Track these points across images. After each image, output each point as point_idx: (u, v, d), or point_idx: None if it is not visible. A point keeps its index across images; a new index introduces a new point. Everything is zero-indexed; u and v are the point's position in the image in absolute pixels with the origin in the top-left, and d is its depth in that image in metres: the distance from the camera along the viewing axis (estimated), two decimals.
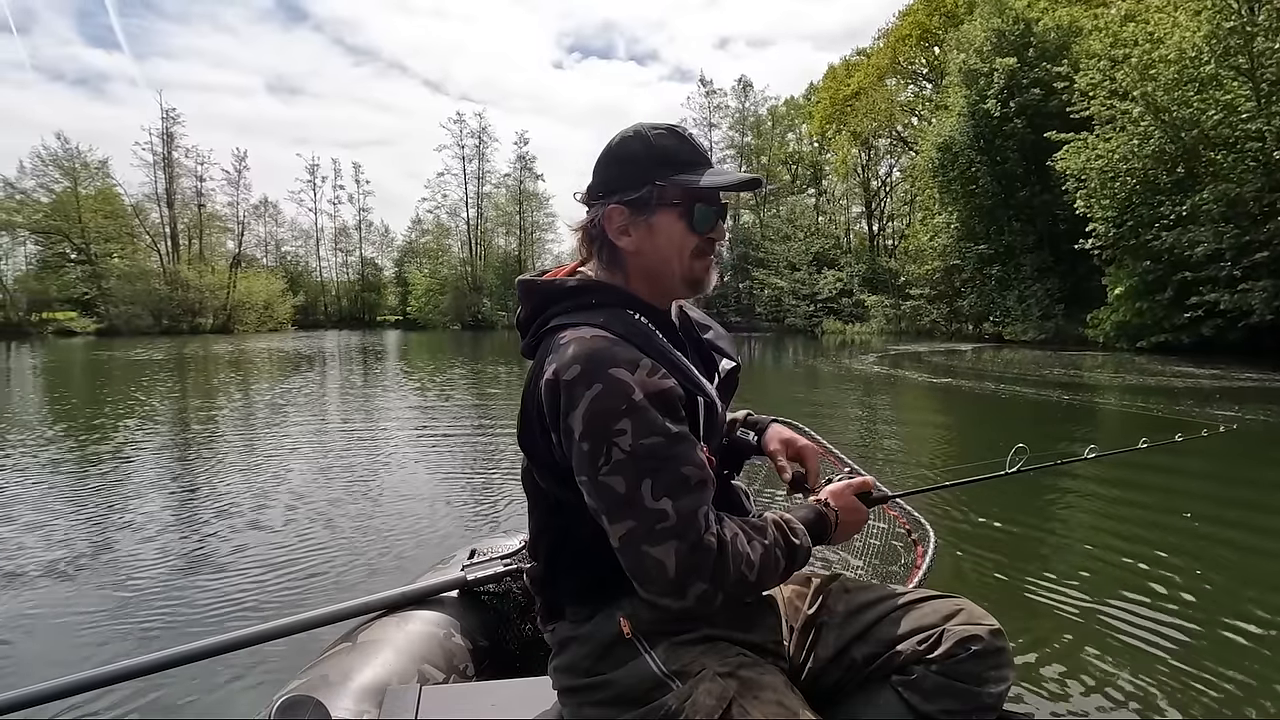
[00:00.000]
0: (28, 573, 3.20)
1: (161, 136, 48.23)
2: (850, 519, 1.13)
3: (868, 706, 1.05)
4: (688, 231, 1.04)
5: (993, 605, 2.50)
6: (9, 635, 2.61)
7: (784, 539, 1.00)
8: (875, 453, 5.75)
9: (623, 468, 0.89)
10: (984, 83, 24.62)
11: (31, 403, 10.13)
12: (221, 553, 3.45)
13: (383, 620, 1.54)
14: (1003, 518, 3.91)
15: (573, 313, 1.02)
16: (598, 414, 0.90)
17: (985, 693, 0.99)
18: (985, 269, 26.87)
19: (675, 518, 0.89)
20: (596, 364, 0.91)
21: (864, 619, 1.09)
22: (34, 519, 4.04)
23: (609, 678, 0.99)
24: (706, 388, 1.03)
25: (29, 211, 44.67)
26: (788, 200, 48.27)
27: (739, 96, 51.45)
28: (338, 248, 61.40)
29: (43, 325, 43.04)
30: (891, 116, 39.54)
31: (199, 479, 5.10)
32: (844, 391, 11.37)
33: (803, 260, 40.71)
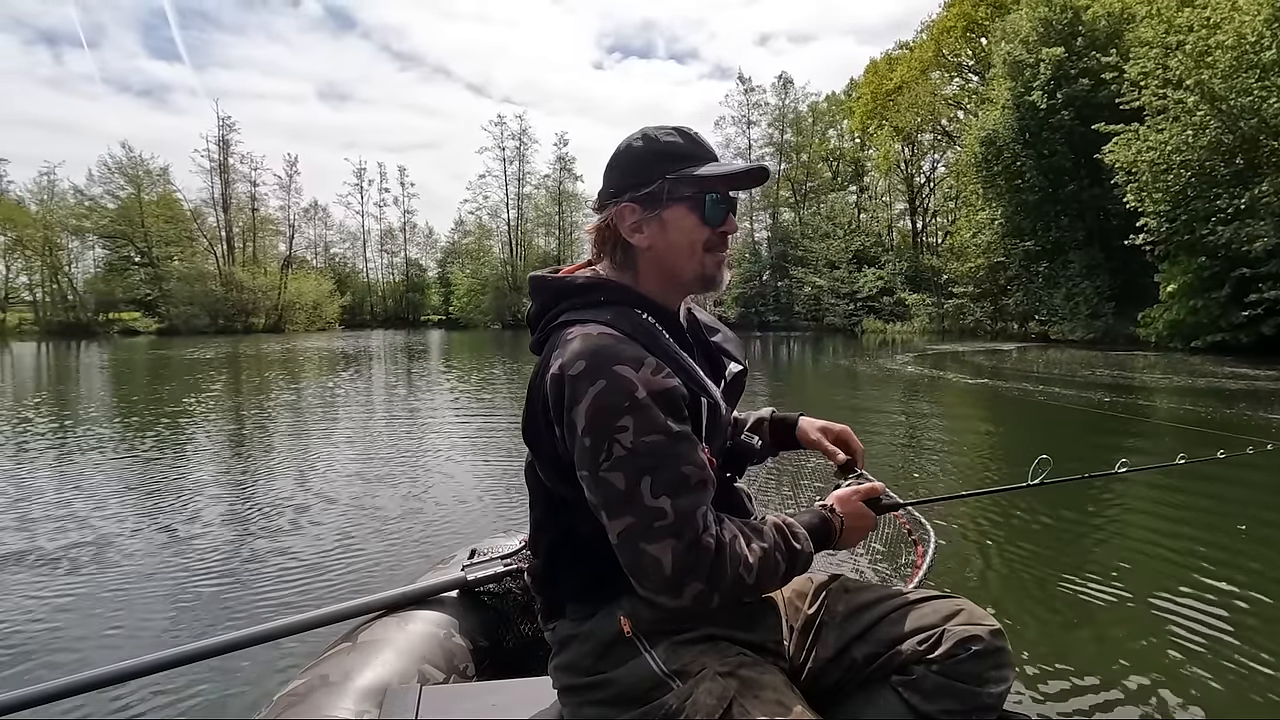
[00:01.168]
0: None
1: (218, 143, 50.34)
2: (856, 525, 1.12)
3: (868, 706, 1.05)
4: (700, 224, 1.05)
5: (994, 606, 2.57)
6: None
7: (785, 543, 1.00)
8: (896, 456, 5.70)
9: (623, 464, 0.90)
10: (1029, 74, 23.86)
11: (95, 398, 10.72)
12: (220, 552, 3.45)
13: (383, 620, 1.54)
14: (1008, 520, 3.87)
15: (581, 309, 1.02)
16: (601, 410, 0.90)
17: (985, 693, 0.99)
18: (1032, 266, 26.08)
19: (673, 516, 0.89)
20: (601, 360, 0.92)
21: (864, 619, 1.09)
22: (26, 511, 4.22)
23: (609, 677, 0.99)
24: (710, 389, 1.03)
25: (96, 217, 47.37)
26: (828, 198, 47.57)
27: (779, 93, 50.89)
28: (383, 249, 63.09)
29: (109, 325, 45.41)
30: (935, 111, 38.64)
31: (207, 477, 5.13)
32: (879, 392, 11.20)
33: (842, 258, 40.10)
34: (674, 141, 1.06)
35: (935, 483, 4.79)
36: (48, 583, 3.11)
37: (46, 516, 4.10)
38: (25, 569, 3.27)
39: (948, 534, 3.55)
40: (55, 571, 3.24)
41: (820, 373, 15.21)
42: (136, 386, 12.77)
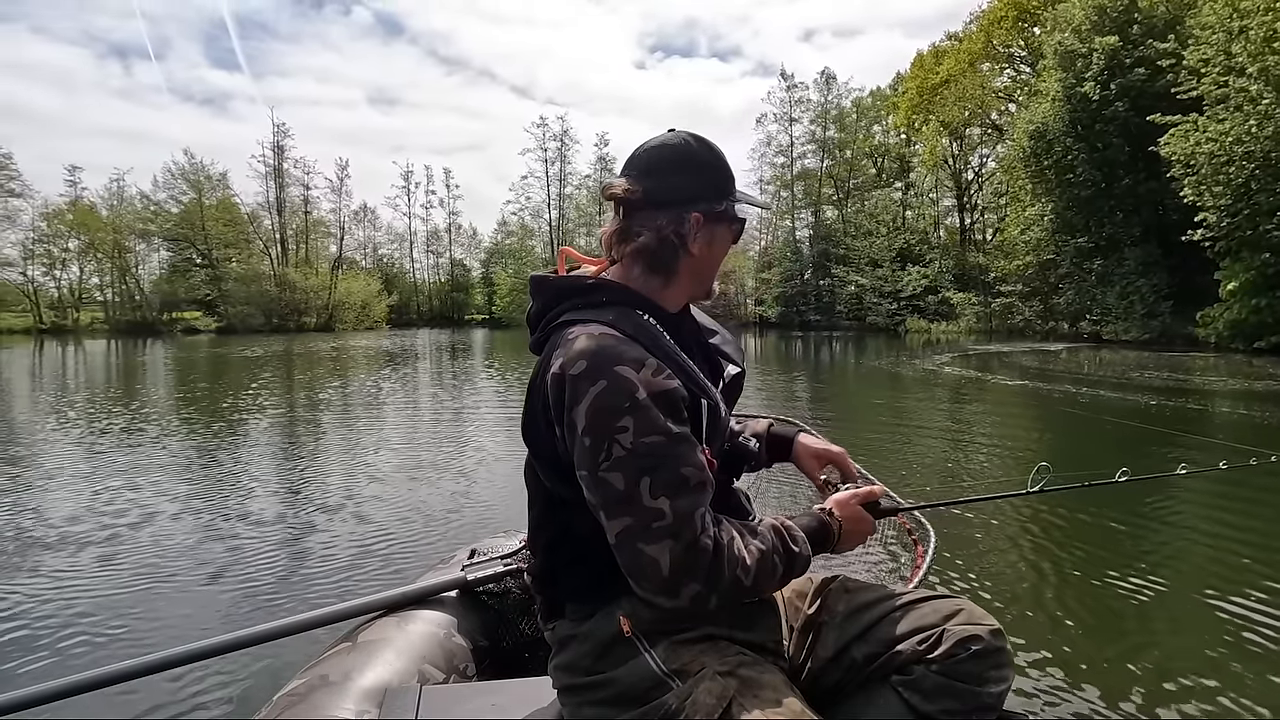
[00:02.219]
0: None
1: (273, 149, 52.34)
2: (855, 529, 1.12)
3: (868, 706, 1.05)
4: (730, 244, 1.11)
5: (994, 606, 2.60)
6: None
7: (782, 545, 1.00)
8: (910, 455, 5.62)
9: (622, 464, 0.90)
10: (1081, 64, 23.00)
11: (151, 393, 11.32)
12: (219, 552, 3.45)
13: (383, 620, 1.54)
14: (1010, 520, 3.83)
15: (583, 309, 1.02)
16: (601, 410, 0.90)
17: (985, 693, 0.99)
18: (1084, 263, 25.12)
19: (671, 517, 0.89)
20: (603, 360, 0.92)
21: (864, 619, 1.09)
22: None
23: (609, 676, 0.99)
24: (710, 390, 1.04)
25: (161, 221, 49.86)
26: (872, 195, 46.67)
27: (821, 90, 50.12)
28: (429, 250, 64.56)
29: (172, 324, 47.63)
30: (984, 104, 37.54)
31: (219, 476, 5.15)
32: (915, 394, 10.99)
33: (885, 256, 39.29)
34: (726, 159, 1.11)
35: (943, 484, 4.72)
36: (42, 581, 3.15)
37: (46, 508, 4.30)
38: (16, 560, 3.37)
39: (949, 534, 3.54)
40: (54, 566, 3.30)
41: (860, 373, 14.93)
42: (187, 384, 13.40)
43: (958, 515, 3.82)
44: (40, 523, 3.98)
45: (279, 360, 18.49)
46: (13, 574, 3.23)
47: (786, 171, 51.50)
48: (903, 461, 5.38)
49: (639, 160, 1.08)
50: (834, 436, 4.97)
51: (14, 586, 3.07)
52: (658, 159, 1.07)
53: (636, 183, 1.05)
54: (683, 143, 1.07)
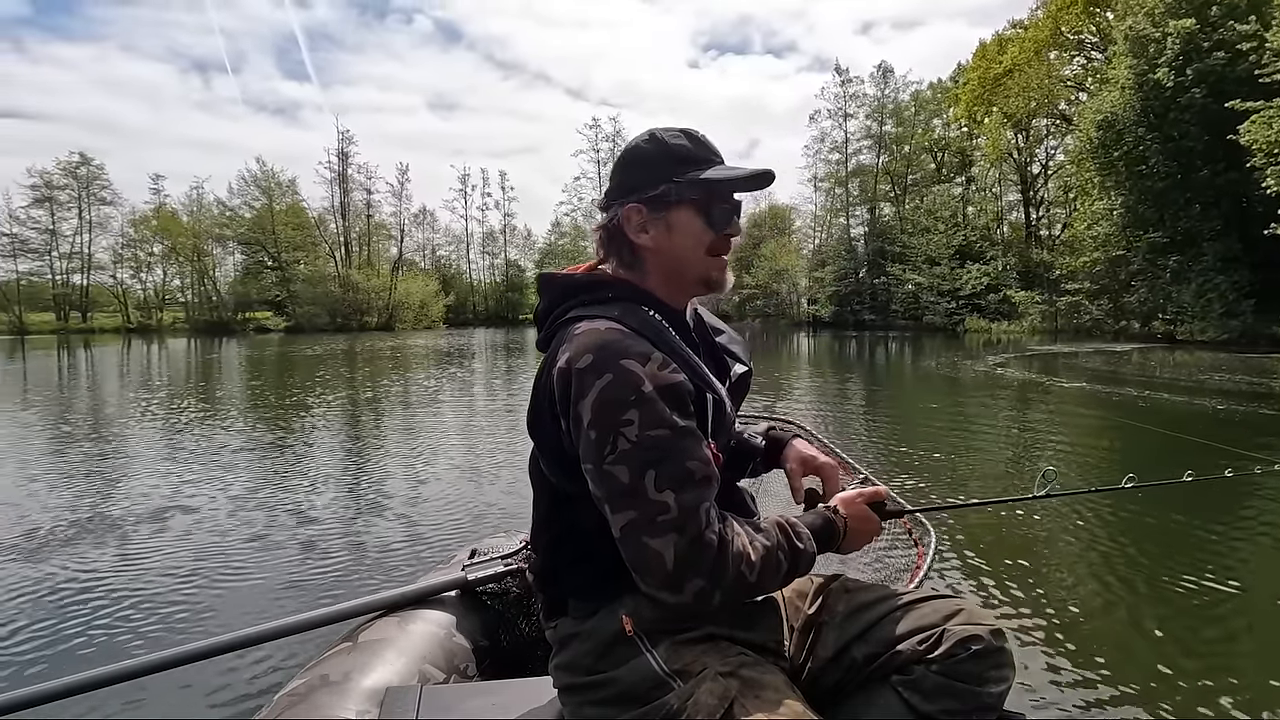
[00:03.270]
0: None
1: (338, 155, 54.53)
2: (861, 528, 1.11)
3: (868, 706, 1.05)
4: (705, 228, 1.05)
5: (994, 606, 2.68)
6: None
7: (788, 542, 0.99)
8: (932, 460, 5.50)
9: (627, 458, 0.89)
10: (1154, 49, 21.79)
11: (209, 391, 12.03)
12: (218, 550, 3.45)
13: (383, 620, 1.54)
14: (1012, 521, 3.78)
15: (589, 306, 1.03)
16: (607, 403, 0.90)
17: (985, 693, 0.99)
18: (1157, 259, 23.77)
19: (676, 510, 0.89)
20: (609, 354, 0.92)
21: (864, 619, 1.08)
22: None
23: (610, 676, 0.99)
24: (716, 386, 1.03)
25: (236, 225, 52.74)
26: (931, 190, 45.30)
27: (878, 84, 48.96)
28: (485, 251, 66.04)
29: (245, 323, 50.28)
30: (1052, 93, 35.93)
31: (224, 471, 5.18)
32: (965, 396, 10.62)
33: (944, 254, 38.08)
34: (681, 144, 1.06)
35: (956, 487, 4.61)
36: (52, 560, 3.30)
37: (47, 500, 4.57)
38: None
39: (950, 534, 3.51)
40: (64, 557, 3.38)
41: (913, 375, 14.44)
42: (242, 382, 14.14)
43: (960, 516, 3.79)
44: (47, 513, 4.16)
45: (335, 359, 19.24)
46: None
47: (841, 168, 50.53)
48: (921, 463, 5.27)
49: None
50: (866, 435, 4.96)
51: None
52: (616, 164, 1.11)
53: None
54: (635, 143, 1.09)
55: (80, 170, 50.13)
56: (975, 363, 15.78)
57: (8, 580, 3.12)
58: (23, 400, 10.32)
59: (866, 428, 7.01)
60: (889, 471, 5.00)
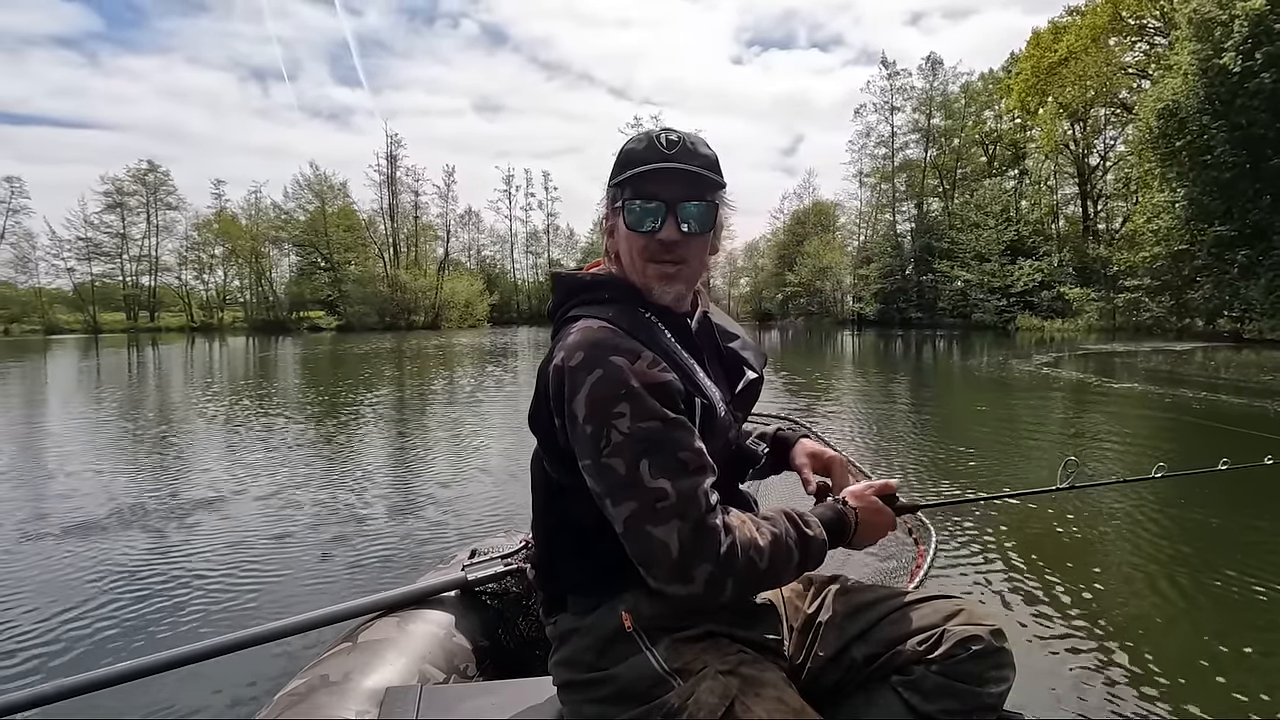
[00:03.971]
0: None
1: (387, 158, 56.05)
2: (873, 520, 1.08)
3: (868, 706, 1.04)
4: (630, 232, 1.02)
5: (995, 606, 2.69)
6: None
7: (796, 530, 0.98)
8: (956, 458, 5.40)
9: (621, 450, 0.90)
10: (1221, 33, 20.71)
11: (272, 386, 12.55)
12: (222, 551, 3.43)
13: (383, 620, 1.54)
14: (1012, 520, 3.72)
15: (588, 305, 1.04)
16: (598, 398, 0.92)
17: (985, 693, 0.99)
18: (1224, 254, 22.61)
19: (675, 496, 0.89)
20: (598, 351, 0.94)
21: (864, 619, 1.08)
22: None
23: (610, 673, 0.98)
24: (707, 390, 1.02)
25: (290, 228, 54.83)
26: (983, 184, 44.01)
27: (926, 76, 47.84)
28: (528, 250, 67.06)
29: (299, 322, 52.21)
30: (1112, 81, 34.47)
31: (236, 469, 5.17)
32: (1010, 396, 10.35)
33: (994, 250, 36.97)
34: (633, 146, 1.03)
35: (983, 487, 4.51)
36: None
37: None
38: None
39: (951, 533, 3.48)
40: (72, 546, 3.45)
41: (964, 374, 13.92)
42: (283, 379, 14.65)
43: (961, 514, 3.76)
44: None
45: (381, 357, 19.75)
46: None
47: (887, 163, 49.53)
48: (953, 463, 5.18)
49: None
50: (905, 436, 4.96)
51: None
52: None
53: None
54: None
55: (148, 177, 52.90)
56: (1024, 362, 15.27)
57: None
58: (95, 395, 10.98)
59: (907, 428, 6.87)
60: (920, 471, 4.94)
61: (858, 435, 6.35)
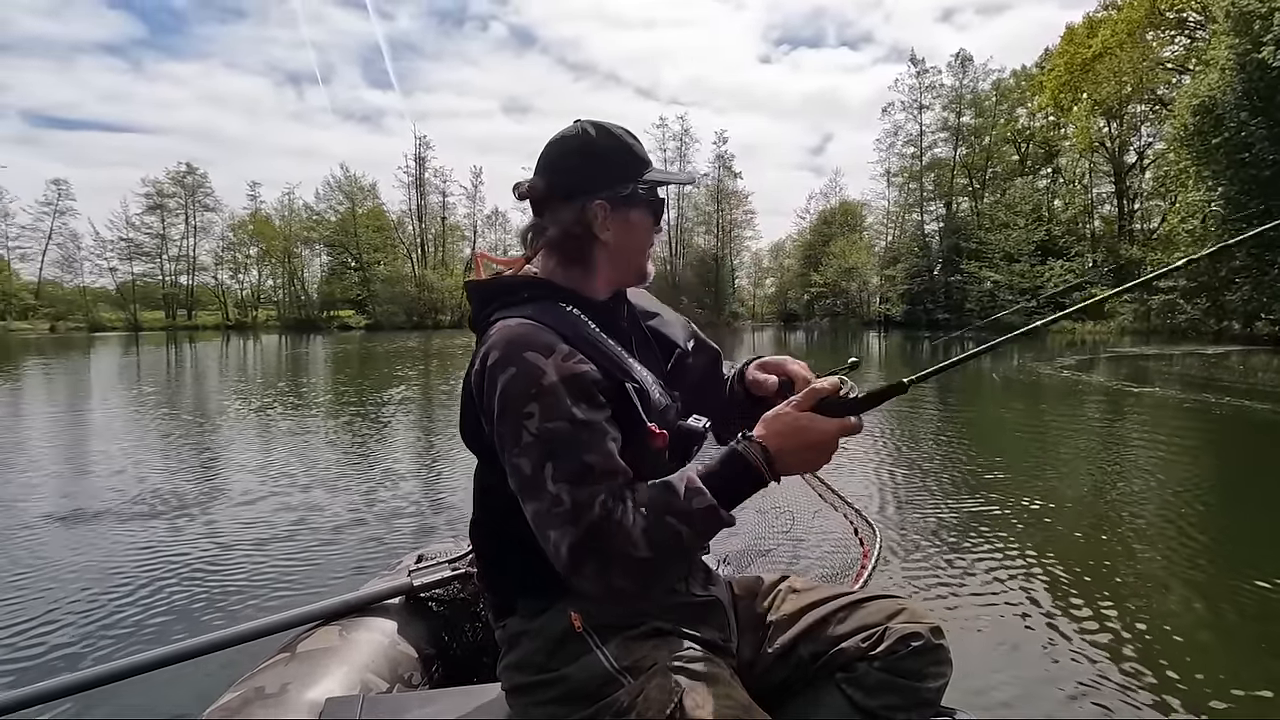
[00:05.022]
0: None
1: (416, 160, 56.97)
2: (799, 441, 0.93)
3: (814, 703, 1.07)
4: (652, 226, 1.11)
5: (936, 604, 2.81)
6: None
7: (671, 503, 0.90)
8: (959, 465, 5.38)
9: (530, 450, 0.91)
10: (1260, 26, 20.06)
11: (291, 383, 12.86)
12: (147, 560, 3.26)
13: (324, 629, 1.48)
14: (955, 520, 3.83)
15: (507, 307, 1.04)
16: (512, 396, 0.92)
17: (925, 688, 1.03)
18: (1264, 254, 21.88)
19: (569, 503, 0.88)
20: (514, 349, 0.94)
21: (810, 618, 1.11)
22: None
23: (561, 674, 0.99)
24: (636, 373, 1.02)
25: (321, 229, 55.98)
26: (1015, 183, 43.20)
27: (956, 73, 47.14)
28: None
29: (330, 321, 53.27)
30: (1149, 77, 33.59)
31: (177, 470, 5.06)
32: (1028, 403, 10.21)
33: (1024, 250, 36.28)
34: (636, 144, 1.09)
35: (988, 494, 4.51)
36: None
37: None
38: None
39: (895, 534, 3.57)
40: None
41: (992, 378, 13.22)
42: (310, 375, 14.97)
43: (905, 515, 3.92)
44: None
45: (404, 355, 20.13)
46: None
47: (915, 162, 48.90)
48: (960, 470, 5.17)
49: (543, 156, 1.09)
50: (924, 444, 4.86)
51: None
52: (559, 152, 1.08)
53: (541, 177, 1.08)
54: (582, 132, 1.08)
55: (187, 179, 54.47)
56: (1044, 365, 15.00)
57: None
58: (137, 388, 11.42)
59: (930, 432, 6.86)
60: (940, 480, 4.94)
61: (880, 439, 6.22)
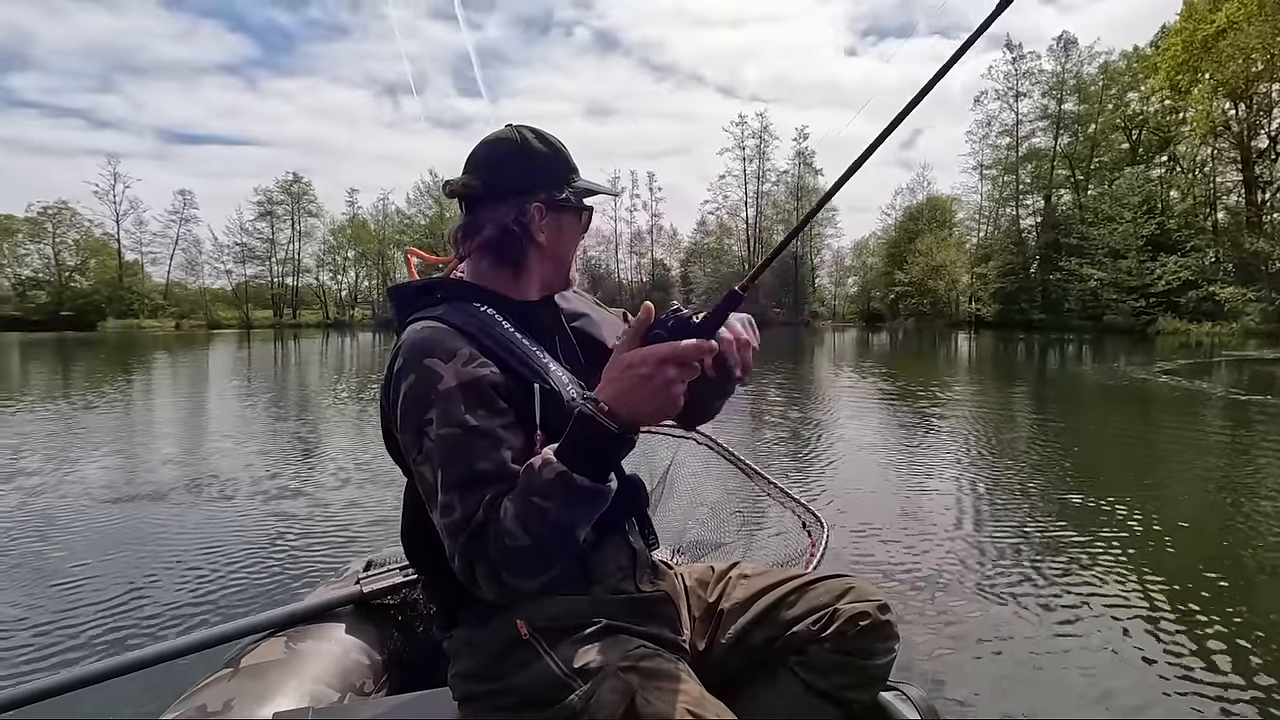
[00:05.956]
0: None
1: None
2: (628, 384, 0.83)
3: (768, 689, 1.09)
4: (579, 232, 1.13)
5: (885, 581, 2.92)
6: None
7: (533, 480, 0.86)
8: None
9: (429, 458, 0.90)
10: None
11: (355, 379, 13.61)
12: (74, 567, 3.06)
13: (270, 641, 1.42)
14: (903, 501, 3.93)
15: (422, 310, 1.03)
16: (412, 404, 0.92)
17: (873, 664, 1.05)
18: None
19: (459, 511, 0.88)
20: (414, 355, 0.93)
21: (762, 604, 1.12)
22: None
23: (510, 682, 0.97)
24: (547, 374, 0.99)
25: (412, 232, 58.73)
26: (1123, 173, 40.04)
27: (1057, 58, 44.17)
28: (632, 251, 68.07)
29: None
30: None
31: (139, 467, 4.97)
32: (1141, 412, 9.48)
33: (1131, 245, 33.57)
34: (567, 151, 1.12)
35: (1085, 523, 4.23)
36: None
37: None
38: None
39: (843, 513, 3.63)
40: None
41: (1100, 385, 11.67)
42: None
43: (852, 496, 4.02)
44: None
45: None
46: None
47: (1010, 153, 46.21)
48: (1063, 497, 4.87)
49: (476, 156, 1.09)
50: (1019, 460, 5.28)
51: None
52: (494, 153, 1.08)
53: (475, 178, 1.07)
54: (518, 137, 1.08)
55: (293, 187, 58.86)
56: (1138, 370, 13.82)
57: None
58: (247, 380, 12.41)
59: (1034, 450, 6.17)
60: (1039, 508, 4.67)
61: (976, 457, 5.33)
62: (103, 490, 4.43)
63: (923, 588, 2.76)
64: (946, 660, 2.17)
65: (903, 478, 4.59)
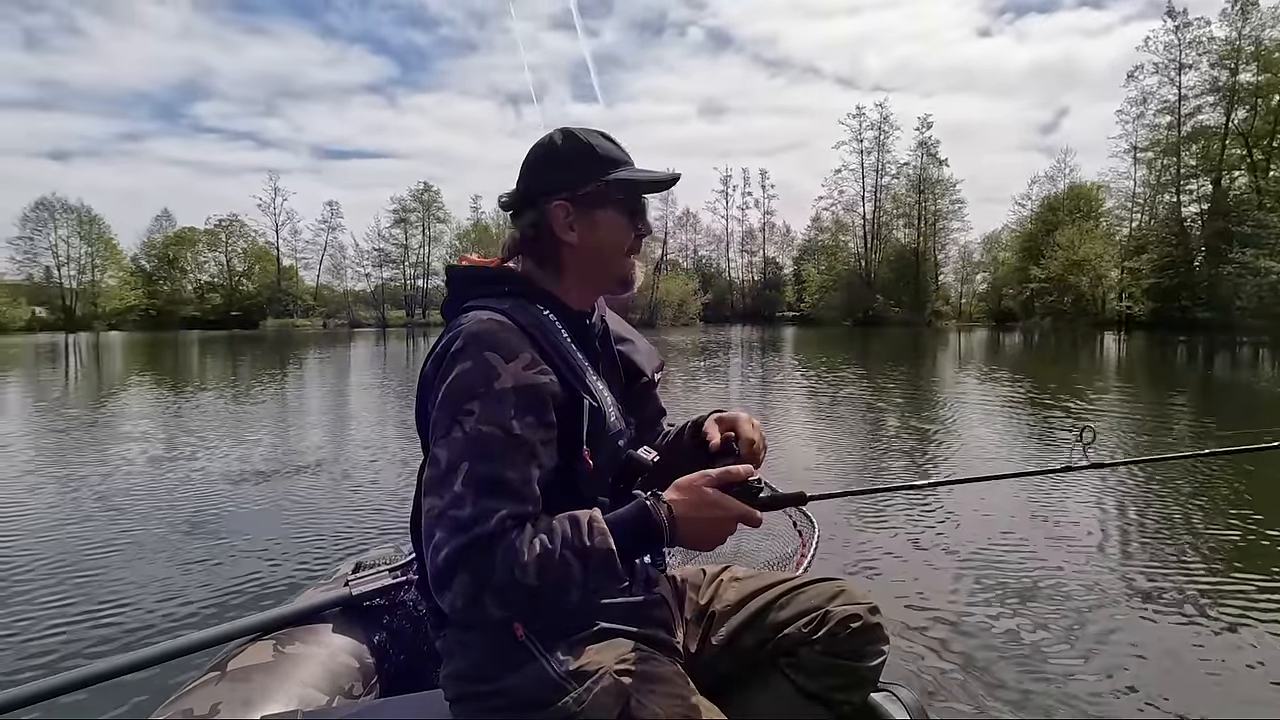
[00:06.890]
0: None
1: None
2: (701, 514, 0.92)
3: (760, 691, 1.10)
4: (628, 227, 1.07)
5: (874, 584, 2.98)
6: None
7: (576, 538, 0.87)
8: None
9: (454, 445, 0.88)
10: None
11: None
12: (71, 566, 3.11)
13: (258, 644, 1.41)
14: (891, 505, 3.89)
15: (485, 298, 1.02)
16: (460, 388, 0.90)
17: (864, 666, 1.06)
18: None
19: (470, 509, 0.85)
20: (478, 343, 0.92)
21: (753, 606, 1.13)
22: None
23: (504, 684, 0.96)
24: (597, 393, 1.01)
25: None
26: None
27: (1232, 22, 39.11)
28: (744, 249, 67.47)
29: None
30: None
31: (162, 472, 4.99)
32: None
33: None
34: (603, 144, 1.07)
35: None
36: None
37: None
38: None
39: (835, 517, 3.61)
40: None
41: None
42: None
43: (841, 501, 3.94)
44: None
45: None
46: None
47: (1171, 133, 41.48)
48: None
49: (522, 165, 1.11)
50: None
51: None
52: (529, 159, 1.09)
53: (516, 187, 1.09)
54: (548, 139, 1.08)
55: (424, 196, 63.47)
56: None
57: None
58: (381, 375, 13.55)
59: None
60: None
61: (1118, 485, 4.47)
62: (265, 463, 5.18)
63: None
64: (933, 663, 2.19)
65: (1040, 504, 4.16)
